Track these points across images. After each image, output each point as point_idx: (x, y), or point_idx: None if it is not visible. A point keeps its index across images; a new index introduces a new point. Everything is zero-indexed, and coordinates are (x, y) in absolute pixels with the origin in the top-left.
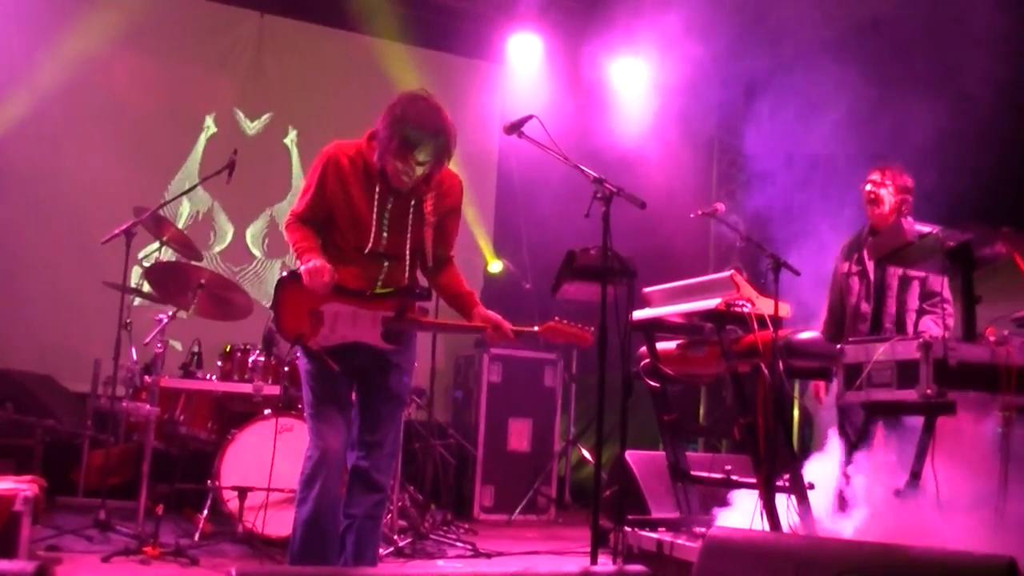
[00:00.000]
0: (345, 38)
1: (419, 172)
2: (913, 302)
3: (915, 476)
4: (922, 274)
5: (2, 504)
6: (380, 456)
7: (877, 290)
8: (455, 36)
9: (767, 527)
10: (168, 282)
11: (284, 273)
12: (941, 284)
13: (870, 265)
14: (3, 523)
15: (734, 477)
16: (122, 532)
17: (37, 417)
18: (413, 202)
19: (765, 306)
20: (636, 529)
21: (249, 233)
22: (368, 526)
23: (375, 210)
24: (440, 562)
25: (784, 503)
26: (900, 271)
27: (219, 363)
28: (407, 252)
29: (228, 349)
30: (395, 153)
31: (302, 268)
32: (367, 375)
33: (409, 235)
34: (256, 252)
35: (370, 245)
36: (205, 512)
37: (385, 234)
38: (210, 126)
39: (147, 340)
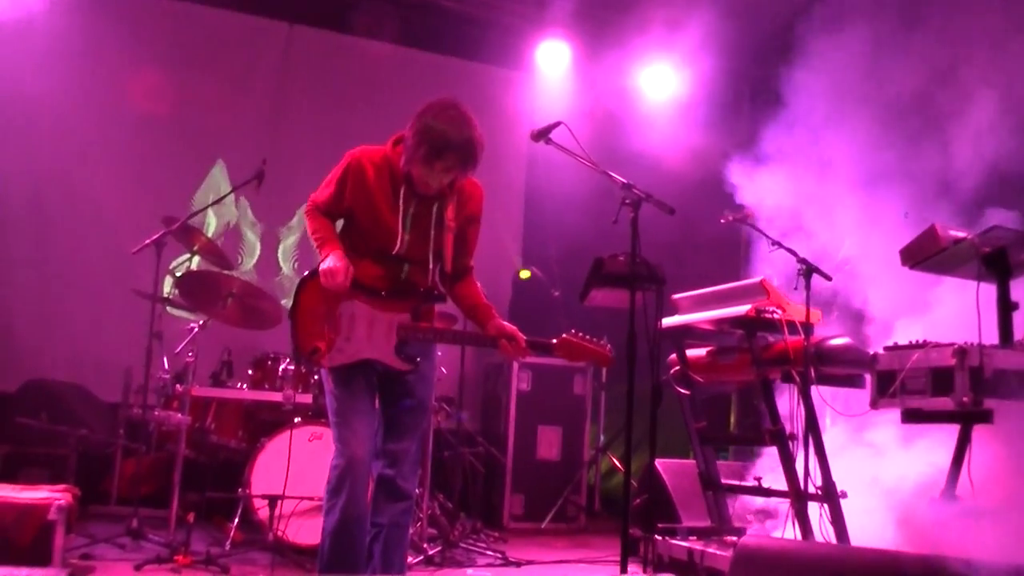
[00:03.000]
0: (373, 48)
1: (445, 179)
2: None
3: (951, 484)
4: None
5: (37, 513)
6: (405, 464)
7: None
8: (484, 45)
9: (799, 536)
10: (199, 291)
11: (305, 273)
12: None
13: None
14: (38, 532)
15: (765, 485)
16: (154, 540)
17: (70, 427)
18: (436, 207)
19: (796, 312)
20: (667, 538)
21: (281, 247)
22: (395, 534)
23: (400, 213)
24: (470, 571)
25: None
26: None
27: (249, 372)
28: (428, 256)
29: (258, 358)
30: (422, 159)
31: (320, 267)
32: (389, 384)
33: (432, 239)
34: (285, 268)
35: (396, 248)
36: (236, 520)
37: (407, 237)
38: (236, 137)
39: (178, 349)
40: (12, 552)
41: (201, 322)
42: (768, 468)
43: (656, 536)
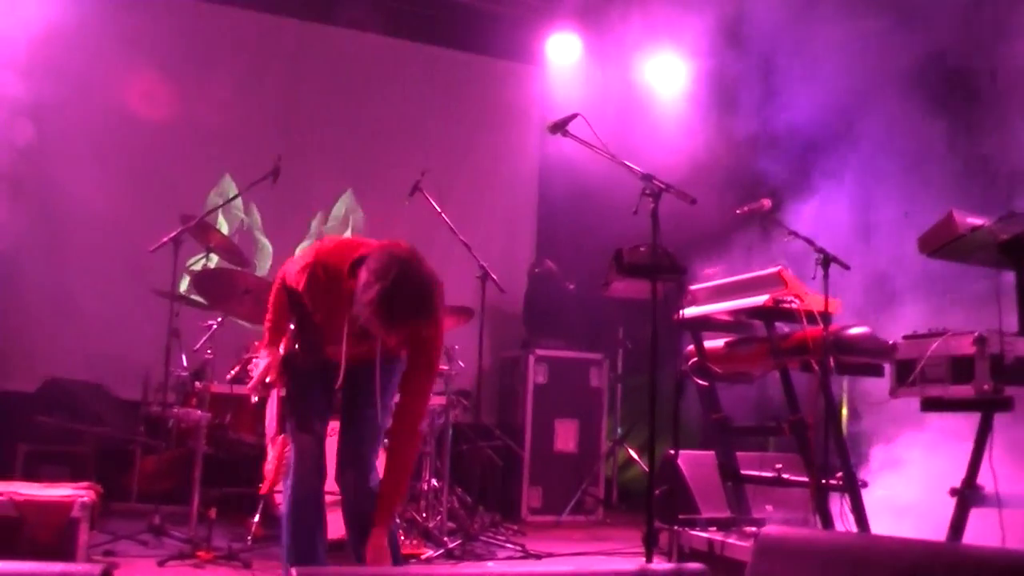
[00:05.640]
0: (384, 43)
1: (404, 332)
2: None
3: (972, 474)
4: None
5: (61, 510)
6: (362, 433)
7: None
8: (494, 39)
9: (820, 526)
10: (215, 289)
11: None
12: None
13: None
14: (61, 529)
15: (785, 476)
16: (176, 536)
17: (89, 424)
18: (381, 343)
19: (815, 302)
20: (687, 529)
21: (298, 250)
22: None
23: (343, 349)
24: (490, 563)
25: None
26: None
27: None
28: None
29: None
30: (379, 323)
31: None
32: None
33: (377, 381)
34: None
35: (337, 385)
36: (257, 516)
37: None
38: (248, 135)
39: (196, 347)
40: (36, 549)
41: (220, 319)
42: None
43: (676, 527)
